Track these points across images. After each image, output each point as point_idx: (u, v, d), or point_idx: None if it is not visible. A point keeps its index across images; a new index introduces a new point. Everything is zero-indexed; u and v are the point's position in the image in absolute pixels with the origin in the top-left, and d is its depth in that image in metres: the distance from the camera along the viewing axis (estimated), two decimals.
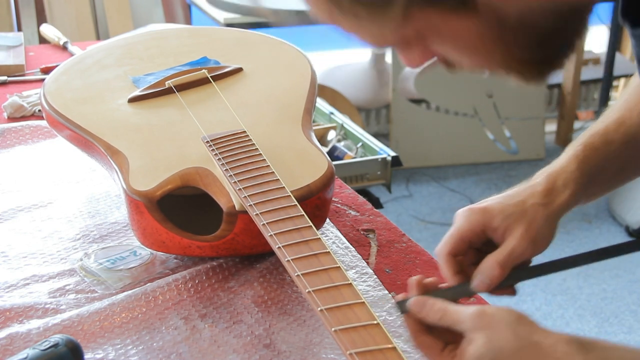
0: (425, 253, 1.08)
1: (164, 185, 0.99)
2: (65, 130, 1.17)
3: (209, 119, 1.12)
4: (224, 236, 0.97)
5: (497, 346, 0.70)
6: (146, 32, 1.54)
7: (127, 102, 1.18)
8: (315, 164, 1.04)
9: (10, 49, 1.97)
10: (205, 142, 1.05)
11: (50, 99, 1.21)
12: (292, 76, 1.26)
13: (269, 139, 1.05)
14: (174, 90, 1.20)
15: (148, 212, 0.98)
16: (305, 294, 0.74)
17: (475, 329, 0.71)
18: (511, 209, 0.82)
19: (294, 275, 0.77)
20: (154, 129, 1.13)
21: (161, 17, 3.66)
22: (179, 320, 0.92)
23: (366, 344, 0.67)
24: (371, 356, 0.66)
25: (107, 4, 3.47)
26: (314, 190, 0.99)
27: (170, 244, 0.99)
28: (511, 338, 0.71)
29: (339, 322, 0.70)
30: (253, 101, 1.19)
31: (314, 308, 0.72)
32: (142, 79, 1.24)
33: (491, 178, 3.64)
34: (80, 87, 1.25)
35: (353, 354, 0.66)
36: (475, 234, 0.83)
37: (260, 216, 0.87)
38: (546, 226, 0.82)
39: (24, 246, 1.09)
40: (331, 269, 0.77)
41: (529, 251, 0.81)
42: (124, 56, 1.33)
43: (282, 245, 0.82)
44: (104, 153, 1.08)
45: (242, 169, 0.97)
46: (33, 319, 0.92)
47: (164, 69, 1.27)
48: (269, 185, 0.93)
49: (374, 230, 1.13)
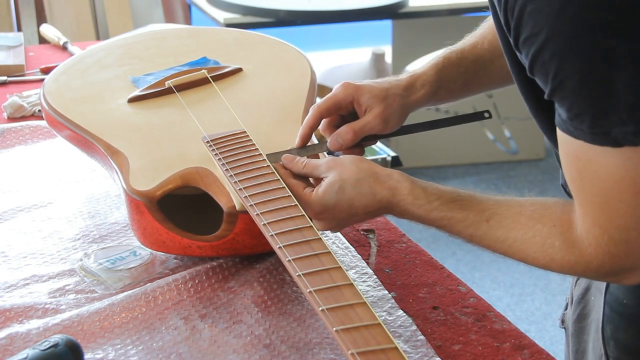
0: (425, 253, 1.08)
1: (164, 185, 0.99)
2: (65, 130, 1.17)
3: (209, 119, 1.12)
4: (224, 236, 0.97)
5: (343, 177, 0.90)
6: (146, 32, 1.55)
7: (127, 102, 1.18)
8: None
9: (10, 49, 1.97)
10: (205, 142, 1.05)
11: (49, 98, 1.21)
12: (292, 76, 1.26)
13: (269, 139, 1.05)
14: (174, 91, 1.20)
15: (148, 212, 0.98)
16: (307, 294, 0.74)
17: (328, 169, 0.91)
18: (376, 92, 1.01)
19: (295, 275, 0.77)
20: (153, 129, 1.13)
21: (161, 17, 3.66)
22: (179, 320, 0.92)
23: (367, 344, 0.67)
24: (373, 356, 0.66)
25: (107, 4, 3.47)
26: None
27: (170, 244, 0.99)
28: (355, 170, 0.90)
29: (340, 322, 0.70)
30: (253, 101, 1.19)
31: (315, 308, 0.72)
32: (142, 79, 1.24)
33: (491, 178, 3.64)
34: (79, 86, 1.25)
35: (354, 353, 0.66)
36: (345, 103, 1.01)
37: (261, 216, 0.87)
38: (399, 112, 1.02)
39: (24, 246, 1.09)
40: (332, 269, 0.77)
41: (379, 127, 1.00)
42: (124, 56, 1.33)
43: (282, 245, 0.81)
44: (103, 153, 1.08)
45: (243, 169, 0.97)
46: (33, 319, 0.92)
47: (164, 69, 1.27)
48: (269, 185, 0.93)
49: (373, 231, 1.13)
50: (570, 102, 0.74)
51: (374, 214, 0.92)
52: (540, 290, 2.92)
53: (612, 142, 0.73)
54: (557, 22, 0.71)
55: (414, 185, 0.90)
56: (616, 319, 0.93)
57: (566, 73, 0.72)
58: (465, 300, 0.98)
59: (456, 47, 1.07)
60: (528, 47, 0.74)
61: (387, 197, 0.89)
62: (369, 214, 0.92)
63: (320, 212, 0.91)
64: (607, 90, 0.71)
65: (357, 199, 0.90)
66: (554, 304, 2.84)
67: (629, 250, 0.78)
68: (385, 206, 0.90)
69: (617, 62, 0.70)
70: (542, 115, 0.83)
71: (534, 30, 0.73)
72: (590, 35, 0.70)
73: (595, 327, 0.97)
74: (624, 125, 0.72)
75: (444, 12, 3.26)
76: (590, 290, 1.01)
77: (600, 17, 0.70)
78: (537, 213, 0.84)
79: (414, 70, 1.05)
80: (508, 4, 0.74)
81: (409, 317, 0.94)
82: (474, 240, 0.88)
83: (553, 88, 0.74)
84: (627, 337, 0.92)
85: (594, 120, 0.73)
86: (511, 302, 2.84)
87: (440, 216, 0.88)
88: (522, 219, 0.84)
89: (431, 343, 0.89)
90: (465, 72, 1.06)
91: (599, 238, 0.79)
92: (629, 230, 0.77)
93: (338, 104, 1.01)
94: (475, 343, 0.90)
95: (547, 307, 2.83)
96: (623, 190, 0.75)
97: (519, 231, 0.84)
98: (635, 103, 0.71)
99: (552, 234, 0.83)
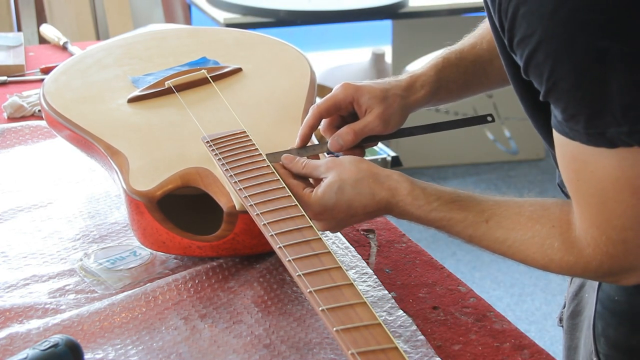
0: (425, 253, 1.08)
1: (164, 185, 0.99)
2: (65, 130, 1.17)
3: (209, 119, 1.12)
4: (224, 236, 0.97)
5: (342, 178, 0.90)
6: (146, 32, 1.54)
7: (127, 102, 1.18)
8: None
9: (10, 49, 1.97)
10: (205, 142, 1.05)
11: (49, 99, 1.21)
12: (291, 76, 1.26)
13: (269, 139, 1.05)
14: (174, 91, 1.20)
15: (148, 212, 0.98)
16: (307, 294, 0.74)
17: (328, 169, 0.92)
18: (376, 92, 1.01)
19: (295, 275, 0.77)
20: (153, 129, 1.13)
21: (161, 17, 3.66)
22: (179, 320, 0.92)
23: (368, 344, 0.67)
24: (373, 356, 0.66)
25: (107, 4, 3.47)
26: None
27: (170, 244, 0.99)
28: (354, 170, 0.91)
29: (340, 322, 0.70)
30: (252, 101, 1.19)
31: (315, 308, 0.72)
32: (142, 79, 1.24)
33: (491, 178, 3.64)
34: (79, 87, 1.25)
35: (355, 353, 0.66)
36: (345, 103, 1.01)
37: (260, 216, 0.87)
38: (399, 113, 1.02)
39: (24, 246, 1.09)
40: (332, 269, 0.77)
41: (379, 128, 1.00)
42: (124, 56, 1.33)
43: (283, 245, 0.81)
44: (103, 153, 1.08)
45: (243, 169, 0.97)
46: (33, 319, 0.92)
47: (164, 69, 1.27)
48: (269, 185, 0.93)
49: (373, 231, 1.13)
50: (565, 103, 0.74)
51: (373, 214, 0.92)
52: (540, 290, 2.91)
53: (607, 143, 0.73)
54: (550, 24, 0.71)
55: (414, 186, 0.90)
56: (607, 315, 0.93)
57: (560, 74, 0.72)
58: (465, 300, 0.98)
59: (455, 48, 1.08)
60: (522, 49, 0.74)
61: (386, 198, 0.90)
62: (368, 215, 0.92)
63: (319, 212, 0.91)
64: (602, 91, 0.71)
65: (357, 199, 0.90)
66: (554, 304, 2.83)
67: (627, 250, 0.78)
68: (384, 207, 0.90)
69: (610, 63, 0.70)
70: (538, 117, 0.83)
71: (528, 32, 0.73)
72: (583, 36, 0.70)
73: (587, 323, 0.98)
74: (618, 126, 0.72)
75: (444, 12, 3.26)
76: (584, 287, 1.01)
77: (593, 18, 0.70)
78: (536, 214, 0.84)
79: (414, 71, 1.06)
80: (502, 6, 0.75)
81: (409, 317, 0.94)
82: (473, 240, 0.88)
83: (547, 89, 0.74)
84: (617, 334, 0.93)
85: (589, 121, 0.73)
86: (511, 302, 2.84)
87: (439, 217, 0.88)
88: (521, 219, 0.85)
89: (431, 343, 0.89)
90: (465, 72, 1.06)
91: (597, 239, 0.79)
92: (627, 231, 0.77)
93: (338, 104, 1.01)
94: (475, 343, 0.90)
95: (547, 307, 2.83)
96: (620, 191, 0.76)
97: (518, 232, 0.84)
98: (630, 104, 0.71)
99: (551, 235, 0.83)
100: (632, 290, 0.89)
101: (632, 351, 0.92)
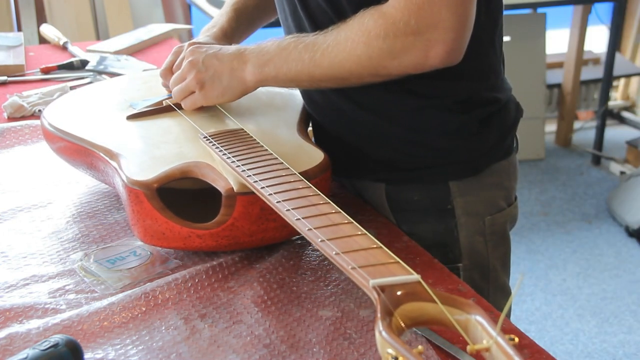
0: (425, 253, 1.08)
1: (163, 175, 1.00)
2: (62, 142, 1.19)
3: (207, 124, 1.14)
4: (223, 221, 0.97)
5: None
6: (139, 74, 1.57)
7: (126, 119, 1.20)
8: (312, 155, 1.06)
9: (10, 49, 1.97)
10: (204, 137, 1.06)
11: (49, 118, 1.24)
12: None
13: (267, 139, 1.06)
14: (174, 108, 1.22)
15: (147, 201, 0.98)
16: (333, 257, 0.76)
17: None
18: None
19: (318, 241, 0.78)
20: (152, 135, 1.14)
21: (161, 17, 3.66)
22: (178, 320, 0.92)
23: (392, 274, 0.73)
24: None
25: (107, 4, 3.47)
26: (311, 175, 1.00)
27: (170, 235, 0.99)
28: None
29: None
30: (250, 107, 1.21)
31: (345, 269, 0.74)
32: (141, 103, 1.26)
33: None
34: (79, 109, 1.29)
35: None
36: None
37: (274, 195, 0.88)
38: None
39: (24, 246, 1.09)
40: (357, 235, 0.80)
41: None
42: (124, 90, 1.36)
43: (301, 217, 0.83)
44: (103, 157, 1.09)
45: (244, 155, 0.99)
46: (33, 319, 0.92)
47: (163, 96, 1.28)
48: (273, 167, 0.95)
49: (373, 231, 1.13)
50: None
51: (234, 59, 1.11)
52: (540, 290, 2.92)
53: None
54: None
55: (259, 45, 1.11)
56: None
57: None
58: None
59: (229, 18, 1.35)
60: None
61: (237, 48, 1.13)
62: (230, 60, 1.11)
63: (185, 70, 1.16)
64: None
65: (219, 52, 1.14)
66: (554, 304, 2.84)
67: (432, 2, 0.94)
68: (239, 53, 1.11)
69: None
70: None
71: None
72: None
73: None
74: None
75: None
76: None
77: None
78: (351, 19, 1.03)
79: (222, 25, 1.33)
80: None
81: None
82: (313, 65, 1.04)
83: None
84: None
85: None
86: (511, 302, 2.84)
87: (280, 48, 1.07)
88: (342, 25, 1.04)
89: (431, 343, 0.89)
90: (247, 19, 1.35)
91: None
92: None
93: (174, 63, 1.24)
94: None
95: (547, 307, 2.83)
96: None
97: (342, 30, 1.03)
98: None
99: (365, 16, 1.01)
100: None
101: None
